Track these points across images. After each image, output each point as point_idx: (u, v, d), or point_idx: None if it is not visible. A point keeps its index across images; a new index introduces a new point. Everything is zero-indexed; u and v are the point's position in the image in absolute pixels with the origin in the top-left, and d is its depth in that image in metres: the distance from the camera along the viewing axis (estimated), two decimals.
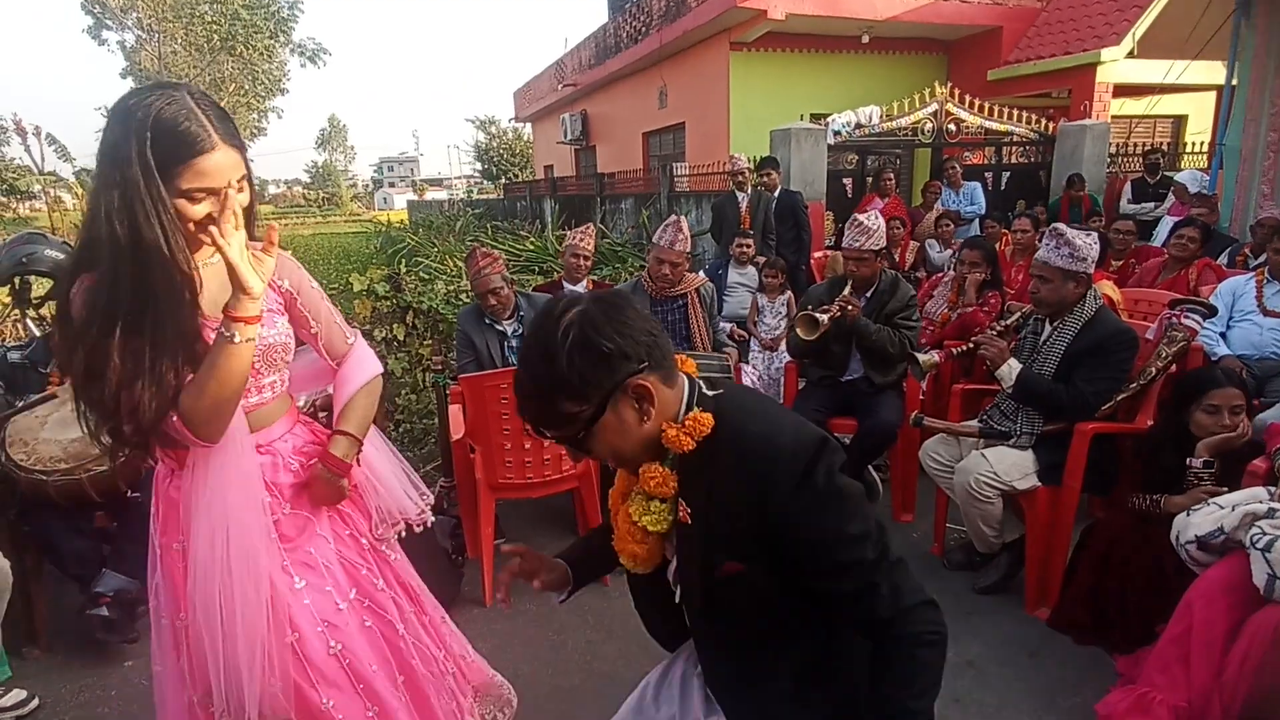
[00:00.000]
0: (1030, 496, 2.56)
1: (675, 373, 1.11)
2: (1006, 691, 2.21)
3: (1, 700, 2.23)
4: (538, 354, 1.04)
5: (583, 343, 1.01)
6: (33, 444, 2.37)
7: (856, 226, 3.16)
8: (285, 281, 1.48)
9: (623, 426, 1.07)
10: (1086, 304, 2.57)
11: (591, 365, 1.02)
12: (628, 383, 1.03)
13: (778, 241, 5.85)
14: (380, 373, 1.62)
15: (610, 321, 1.03)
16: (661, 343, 1.08)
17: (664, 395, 1.08)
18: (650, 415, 1.06)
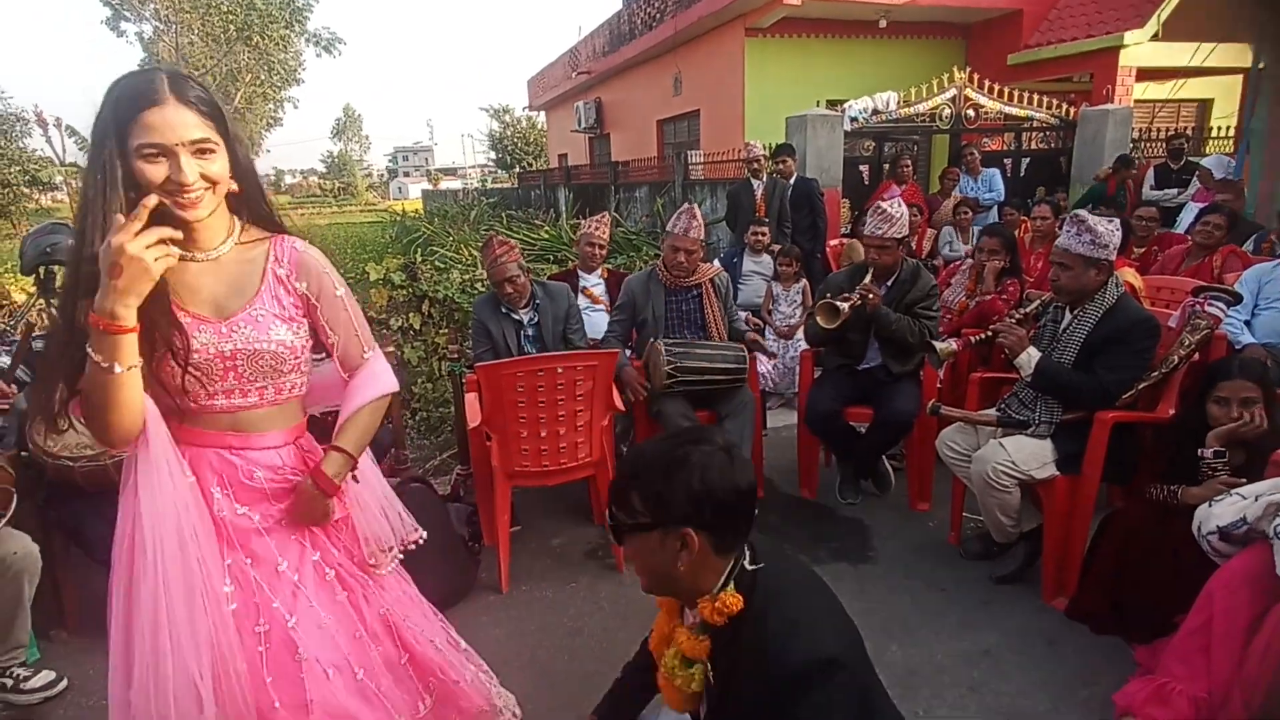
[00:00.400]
0: (1048, 486, 2.54)
1: (732, 549, 1.20)
2: (1023, 681, 2.20)
3: (31, 681, 2.28)
4: (657, 450, 1.21)
5: (684, 472, 1.14)
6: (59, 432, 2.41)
7: (879, 214, 3.13)
8: (303, 284, 1.41)
9: (660, 554, 1.18)
10: (1108, 291, 2.53)
11: (674, 492, 1.15)
12: (683, 528, 1.15)
13: (793, 229, 5.81)
14: (392, 392, 1.55)
15: (719, 476, 1.15)
16: (742, 528, 1.19)
17: (708, 559, 1.18)
18: (685, 564, 1.16)
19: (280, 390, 1.41)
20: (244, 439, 1.40)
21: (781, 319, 4.89)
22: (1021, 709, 2.09)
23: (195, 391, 1.32)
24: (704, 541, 1.15)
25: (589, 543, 3.16)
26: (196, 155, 1.22)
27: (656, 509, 1.16)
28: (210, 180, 1.25)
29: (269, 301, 1.36)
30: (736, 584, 1.19)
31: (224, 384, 1.34)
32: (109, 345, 1.15)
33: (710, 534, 1.16)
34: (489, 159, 39.85)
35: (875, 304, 3.09)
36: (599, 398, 2.83)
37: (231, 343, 1.32)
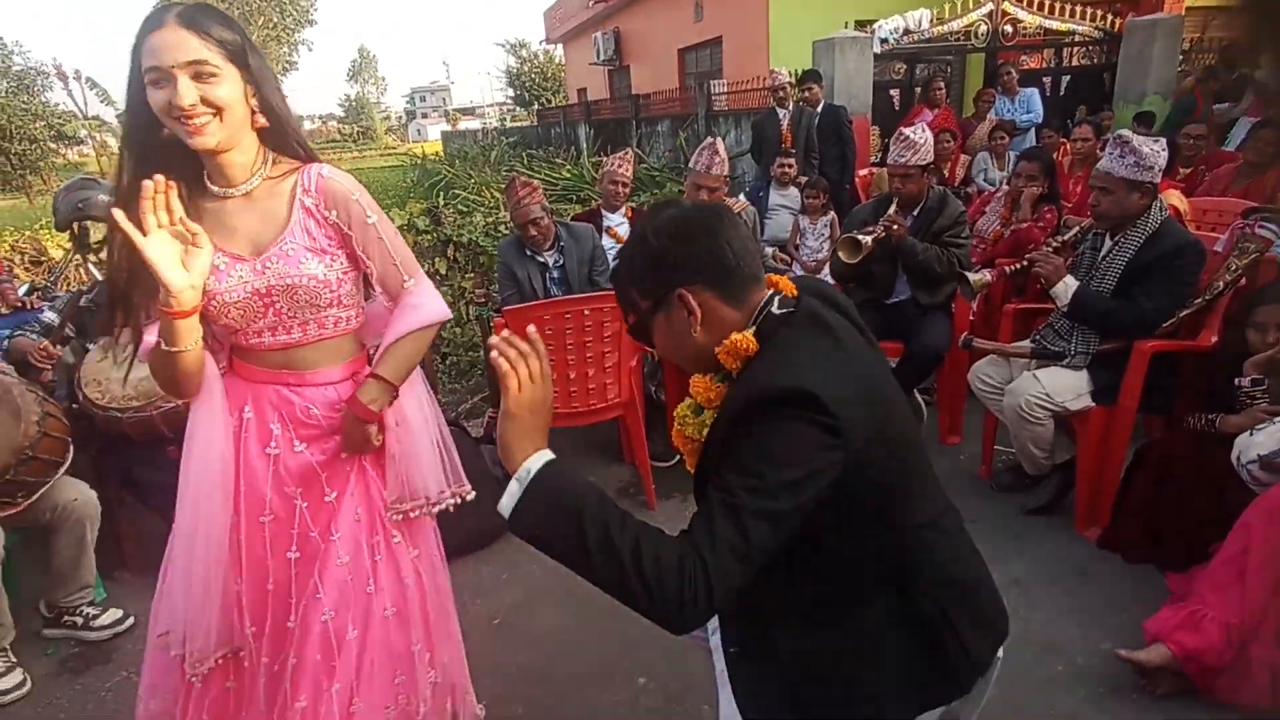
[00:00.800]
0: (1083, 417, 2.52)
1: (746, 294, 1.09)
2: (1054, 610, 2.23)
3: (100, 619, 2.42)
4: (630, 239, 1.15)
5: (643, 243, 1.10)
6: (105, 383, 2.49)
7: (901, 141, 3.03)
8: (333, 213, 1.37)
9: (673, 330, 1.11)
10: (1151, 216, 2.44)
11: (648, 265, 1.10)
12: (676, 292, 1.07)
13: (820, 160, 5.65)
14: (437, 321, 1.49)
15: (682, 232, 1.08)
16: (729, 261, 1.07)
17: (722, 314, 1.08)
18: (696, 327, 1.08)
19: (324, 325, 1.41)
20: (299, 376, 1.43)
21: (808, 254, 4.80)
22: (1051, 636, 2.13)
23: (241, 330, 1.36)
24: (704, 297, 1.07)
25: (621, 481, 3.22)
26: (196, 80, 1.20)
27: (646, 290, 1.10)
28: (213, 105, 1.22)
29: (299, 234, 1.35)
30: (759, 330, 1.08)
31: (265, 321, 1.36)
32: (170, 330, 1.23)
33: (706, 288, 1.07)
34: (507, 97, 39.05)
35: (900, 235, 3.02)
36: (626, 338, 2.83)
37: (265, 279, 1.32)
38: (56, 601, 2.41)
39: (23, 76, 22.87)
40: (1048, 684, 1.96)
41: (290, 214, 1.35)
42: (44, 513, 2.30)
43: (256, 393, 1.42)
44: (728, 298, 1.08)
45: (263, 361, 1.41)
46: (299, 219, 1.35)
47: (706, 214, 1.11)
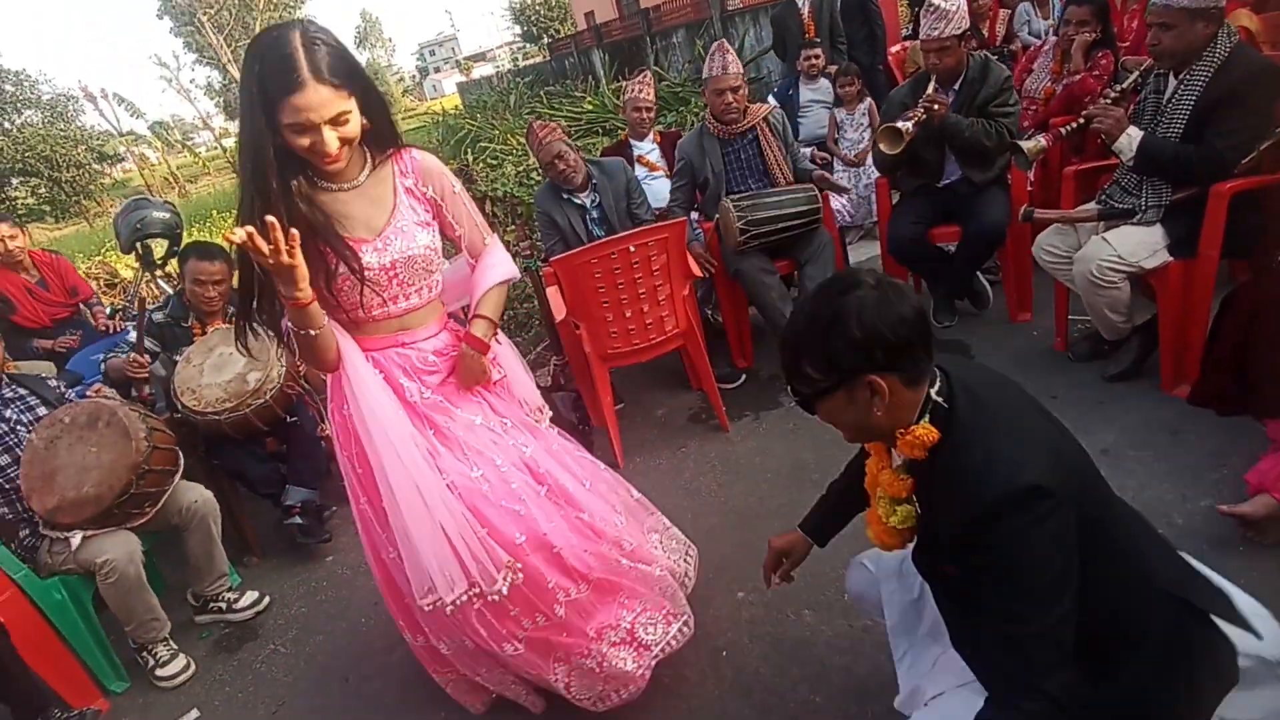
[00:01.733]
0: (1161, 274, 2.40)
1: (923, 377, 1.14)
2: (1147, 475, 2.19)
3: (240, 601, 2.66)
4: (807, 312, 1.16)
5: (839, 323, 1.10)
6: (199, 390, 2.66)
7: (932, 12, 2.84)
8: (429, 189, 1.61)
9: (852, 408, 1.15)
10: (1219, 45, 2.24)
11: (841, 347, 1.10)
12: (865, 376, 1.10)
13: (848, 44, 5.36)
14: (511, 278, 1.77)
15: (877, 315, 1.08)
16: (916, 347, 1.11)
17: (902, 397, 1.13)
18: (881, 409, 1.12)
19: (430, 288, 1.66)
20: (411, 334, 1.66)
21: (849, 146, 4.62)
22: (1148, 501, 2.10)
23: (371, 304, 1.56)
24: (891, 381, 1.11)
25: (691, 408, 3.27)
26: (335, 126, 1.39)
27: (830, 370, 1.13)
28: (348, 139, 1.43)
29: (406, 212, 1.57)
30: (931, 416, 1.14)
31: (390, 291, 1.57)
32: (299, 317, 1.43)
33: (893, 372, 1.11)
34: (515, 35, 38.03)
35: (942, 114, 2.87)
36: (675, 269, 2.83)
37: (389, 255, 1.54)
38: (201, 591, 2.65)
39: (54, 104, 23.54)
40: None
41: (395, 196, 1.57)
42: (171, 516, 2.51)
43: (378, 359, 1.63)
44: (909, 383, 1.13)
45: (379, 330, 1.62)
46: (403, 199, 1.58)
47: (906, 298, 1.11)
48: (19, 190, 22.08)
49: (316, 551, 2.94)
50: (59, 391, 2.62)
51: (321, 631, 2.53)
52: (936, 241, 3.19)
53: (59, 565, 2.34)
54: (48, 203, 21.25)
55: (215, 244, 3.07)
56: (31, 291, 3.70)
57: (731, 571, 2.23)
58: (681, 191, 3.37)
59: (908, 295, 1.12)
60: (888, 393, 1.10)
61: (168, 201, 3.93)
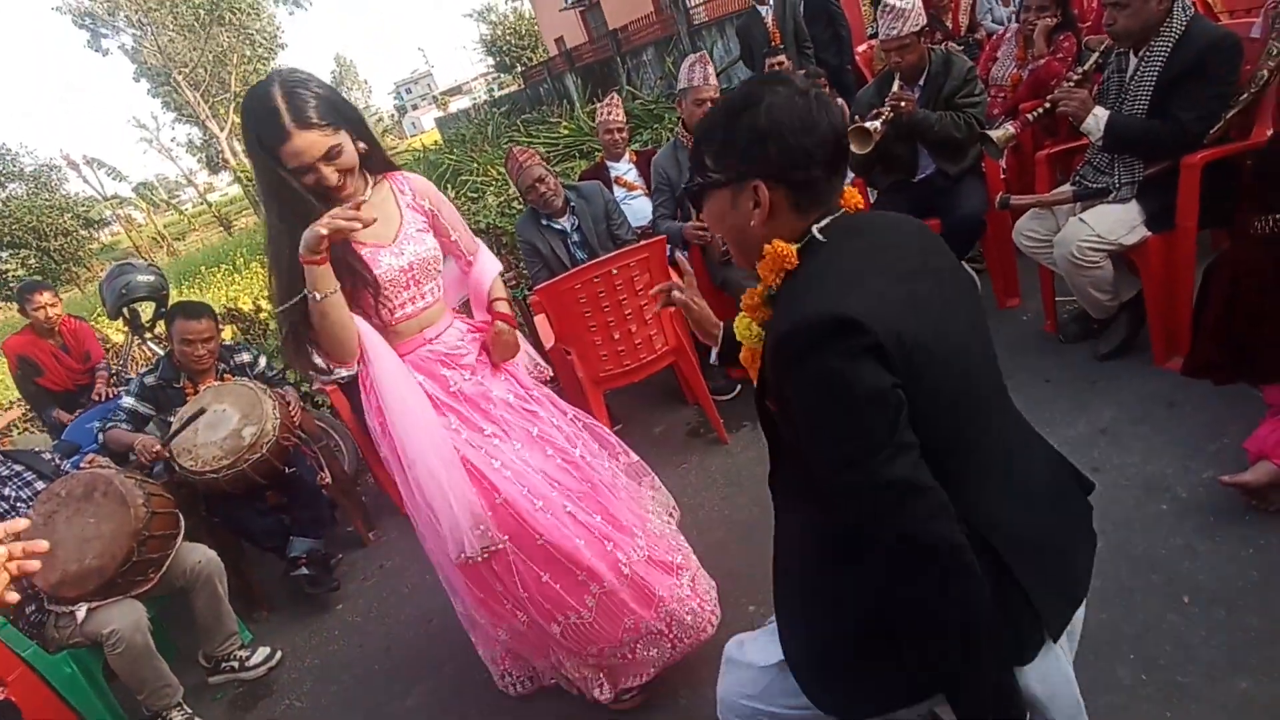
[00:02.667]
0: (1141, 249, 2.41)
1: (813, 205, 1.05)
2: (1147, 450, 2.18)
3: (252, 659, 2.64)
4: (726, 102, 1.09)
5: (748, 114, 1.03)
6: (195, 450, 2.65)
7: (889, 12, 2.87)
8: (426, 201, 1.78)
9: (735, 214, 1.08)
10: (1175, 19, 2.26)
11: (742, 140, 1.04)
12: (751, 180, 1.04)
13: (815, 47, 5.41)
14: (499, 269, 1.97)
15: (787, 114, 1.01)
16: (815, 164, 1.02)
17: (783, 217, 1.05)
18: (757, 220, 1.05)
19: (439, 288, 1.81)
20: (435, 329, 1.79)
21: None
22: (1150, 476, 2.09)
23: (390, 308, 1.68)
24: (777, 197, 1.03)
25: (689, 423, 3.27)
26: (329, 161, 1.52)
27: (723, 159, 1.06)
28: (347, 169, 1.56)
29: (412, 221, 1.73)
30: (803, 246, 1.05)
31: (408, 293, 1.71)
32: (311, 277, 1.49)
33: (783, 187, 1.02)
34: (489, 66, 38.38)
35: (910, 110, 2.88)
36: None
37: (405, 257, 1.68)
38: (212, 652, 2.63)
39: (38, 175, 23.70)
40: (1155, 524, 1.95)
41: (400, 209, 1.73)
42: (176, 580, 2.49)
43: (412, 361, 1.74)
44: (797, 208, 1.05)
45: (405, 334, 1.74)
46: (407, 210, 1.73)
47: (828, 113, 1.02)
48: (8, 263, 22.18)
49: (326, 600, 2.92)
50: (54, 464, 2.62)
51: (335, 682, 2.50)
52: None
53: (67, 639, 2.32)
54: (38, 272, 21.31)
55: (200, 302, 3.08)
56: (56, 356, 3.90)
57: (741, 585, 2.22)
58: (665, 205, 3.38)
59: (830, 112, 1.03)
60: (768, 205, 1.04)
61: (152, 264, 3.95)
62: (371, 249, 1.64)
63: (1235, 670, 1.54)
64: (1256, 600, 1.66)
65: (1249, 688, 1.50)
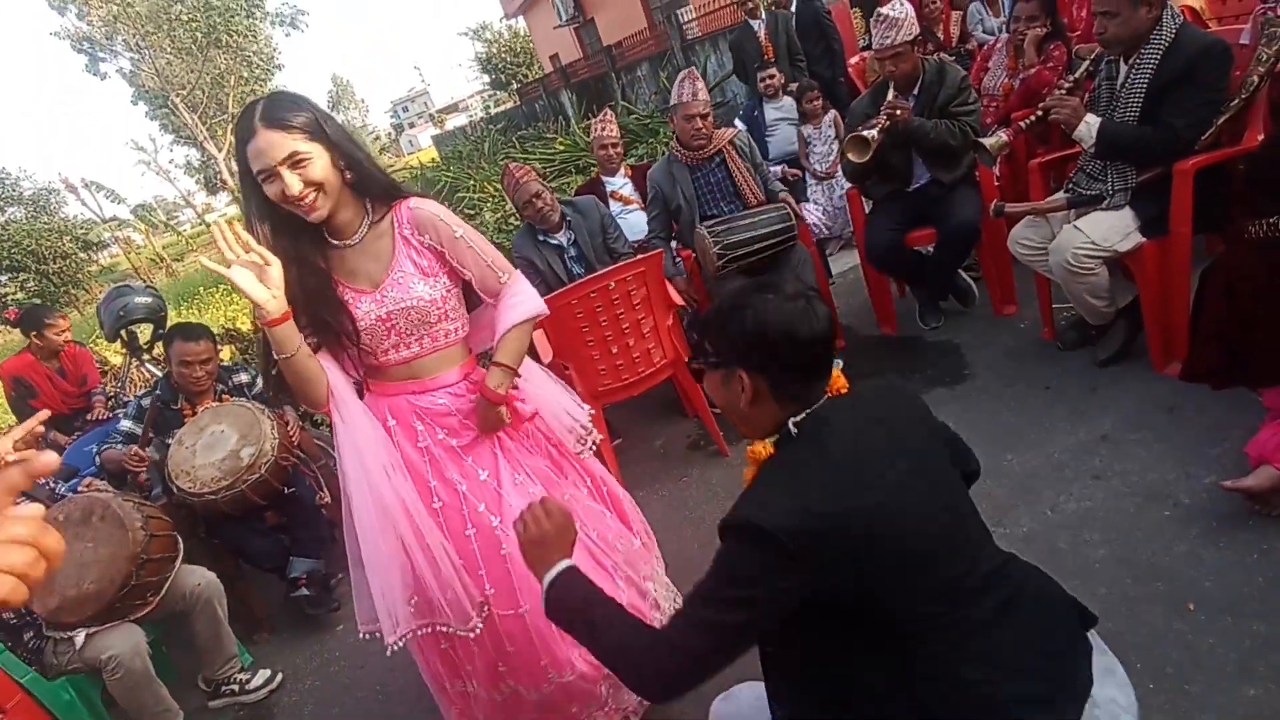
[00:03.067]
0: (1136, 256, 2.41)
1: (794, 400, 1.16)
2: (1148, 456, 2.18)
3: (253, 682, 2.61)
4: (727, 295, 1.21)
5: (744, 314, 1.14)
6: (193, 472, 2.64)
7: (881, 22, 2.90)
8: (426, 237, 1.59)
9: (725, 391, 1.21)
10: (1164, 27, 2.28)
11: (734, 334, 1.16)
12: (738, 369, 1.16)
13: (808, 60, 5.46)
14: (536, 314, 1.69)
15: (771, 319, 1.12)
16: (791, 367, 1.14)
17: (765, 404, 1.17)
18: (745, 404, 1.17)
19: (436, 338, 1.64)
20: (422, 384, 1.66)
21: (819, 160, 4.68)
22: (1152, 483, 2.08)
23: (373, 353, 1.61)
24: (759, 384, 1.15)
25: (689, 436, 3.26)
26: (295, 168, 1.42)
27: (718, 349, 1.20)
28: (314, 183, 1.45)
29: (404, 263, 1.58)
30: (780, 437, 1.18)
31: (389, 341, 1.60)
32: (275, 339, 1.46)
33: (765, 378, 1.14)
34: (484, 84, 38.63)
35: (906, 119, 2.90)
36: (655, 300, 2.83)
37: (385, 306, 1.56)
38: (212, 676, 2.60)
39: (36, 199, 23.77)
40: (1158, 531, 1.94)
41: (394, 248, 1.59)
42: (175, 603, 2.48)
43: (392, 404, 1.65)
44: (776, 397, 1.16)
45: (391, 376, 1.65)
46: (402, 250, 1.59)
47: (811, 321, 1.13)
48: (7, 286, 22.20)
49: (327, 621, 2.90)
50: (48, 489, 2.61)
51: (336, 704, 2.48)
52: (913, 245, 3.21)
53: (65, 665, 2.30)
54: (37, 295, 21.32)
55: (198, 324, 3.08)
56: (52, 380, 3.89)
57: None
58: (658, 221, 3.40)
59: (815, 319, 1.13)
60: (752, 392, 1.15)
61: (149, 286, 3.96)
62: (354, 294, 1.56)
63: (1243, 677, 1.53)
64: (1263, 606, 1.65)
65: (1258, 695, 1.49)
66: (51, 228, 22.59)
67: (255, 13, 24.25)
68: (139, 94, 25.02)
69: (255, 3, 24.11)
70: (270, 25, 25.37)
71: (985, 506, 2.17)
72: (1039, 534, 2.05)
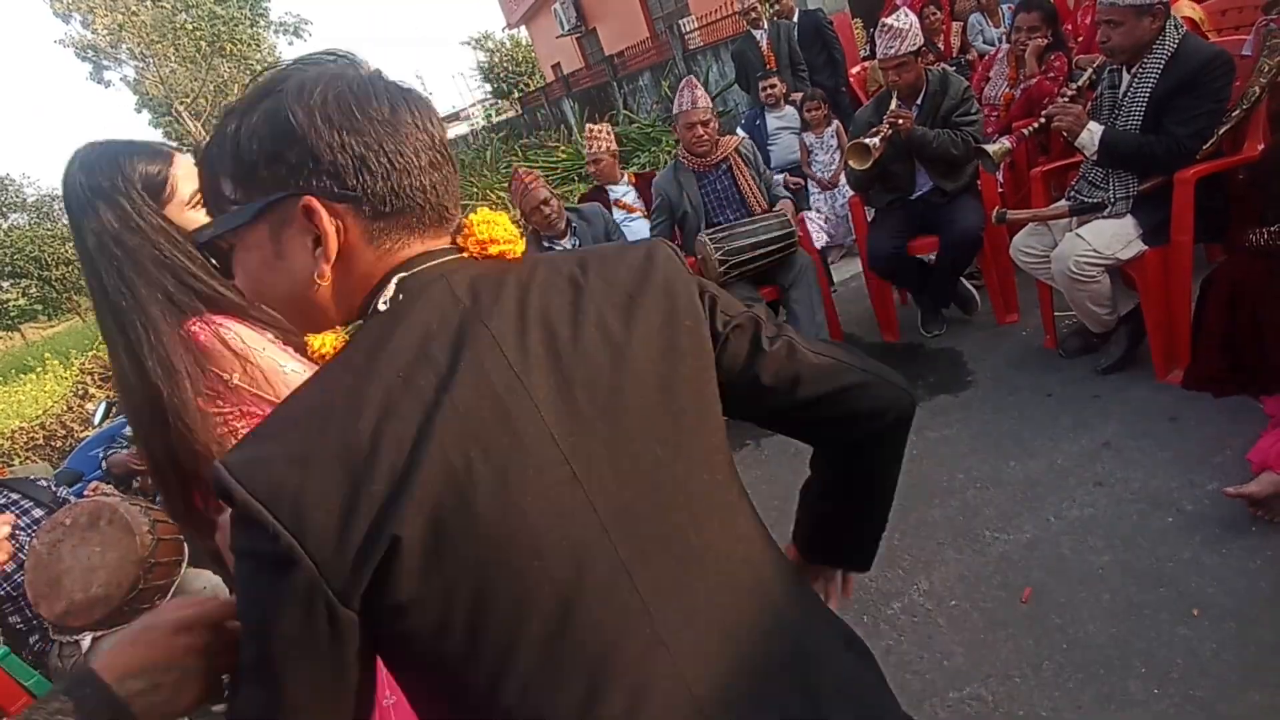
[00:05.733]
0: (1138, 263, 2.43)
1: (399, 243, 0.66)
2: (1151, 464, 2.18)
3: None
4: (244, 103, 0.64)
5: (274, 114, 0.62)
6: None
7: (886, 31, 2.93)
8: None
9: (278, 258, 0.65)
10: (1166, 38, 2.30)
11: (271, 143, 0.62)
12: (303, 199, 0.62)
13: (810, 70, 5.49)
14: None
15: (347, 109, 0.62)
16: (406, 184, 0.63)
17: (357, 251, 0.65)
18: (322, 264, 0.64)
19: None
20: None
21: (821, 168, 4.70)
22: (1155, 491, 2.09)
23: None
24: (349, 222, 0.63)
25: None
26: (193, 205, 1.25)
27: (247, 184, 0.63)
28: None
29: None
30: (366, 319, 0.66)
31: None
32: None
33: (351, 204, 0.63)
34: (485, 93, 38.81)
35: (908, 128, 2.93)
36: None
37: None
38: None
39: (40, 205, 23.86)
40: (1161, 538, 1.94)
41: None
42: None
43: None
44: (374, 237, 0.65)
45: None
46: None
47: (394, 93, 0.65)
48: (9, 292, 22.29)
49: None
50: (52, 492, 2.61)
51: None
52: (916, 253, 3.22)
53: (70, 669, 2.30)
54: (39, 302, 21.41)
55: None
56: None
57: None
58: (661, 228, 3.41)
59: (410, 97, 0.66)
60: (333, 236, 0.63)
61: None
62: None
63: (1248, 683, 1.53)
64: (1267, 612, 1.66)
65: (1263, 700, 1.49)
66: (54, 234, 22.67)
67: (259, 22, 24.44)
68: (143, 101, 25.14)
69: (260, 11, 24.29)
70: (274, 34, 25.54)
71: (989, 513, 2.20)
72: (1043, 540, 2.06)
